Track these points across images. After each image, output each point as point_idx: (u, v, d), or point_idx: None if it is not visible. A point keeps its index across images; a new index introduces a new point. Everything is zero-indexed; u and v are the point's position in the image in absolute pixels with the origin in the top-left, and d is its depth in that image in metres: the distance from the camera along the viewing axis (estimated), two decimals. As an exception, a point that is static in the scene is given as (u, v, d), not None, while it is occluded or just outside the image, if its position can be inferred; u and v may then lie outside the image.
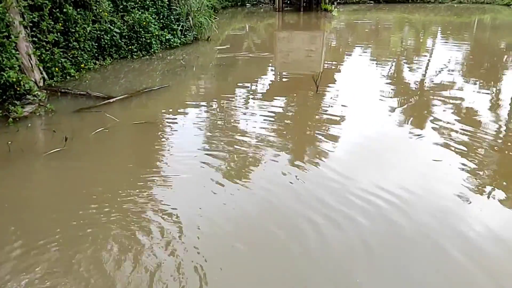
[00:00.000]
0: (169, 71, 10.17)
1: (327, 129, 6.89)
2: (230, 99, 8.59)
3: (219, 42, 14.12)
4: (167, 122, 7.32)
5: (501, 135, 6.71)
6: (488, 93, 8.98)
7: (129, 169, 5.60)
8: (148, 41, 11.36)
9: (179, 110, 7.90)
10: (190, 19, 12.90)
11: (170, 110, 7.94)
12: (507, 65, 11.69)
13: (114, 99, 8.00)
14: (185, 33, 12.82)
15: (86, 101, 8.00)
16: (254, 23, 18.67)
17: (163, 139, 6.59)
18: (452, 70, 10.76)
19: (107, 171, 5.53)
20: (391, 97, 8.64)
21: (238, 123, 7.20)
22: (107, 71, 10.09)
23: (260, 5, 22.67)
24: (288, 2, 22.03)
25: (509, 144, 6.39)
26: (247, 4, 22.60)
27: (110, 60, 10.64)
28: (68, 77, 9.21)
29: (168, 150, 6.19)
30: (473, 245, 3.96)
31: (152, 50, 11.44)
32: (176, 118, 7.49)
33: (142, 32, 11.23)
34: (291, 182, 5.15)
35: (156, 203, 4.66)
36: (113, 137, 6.56)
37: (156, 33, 11.70)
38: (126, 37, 11.06)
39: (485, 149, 6.09)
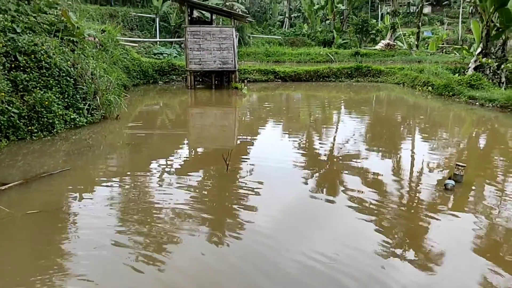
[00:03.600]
0: (74, 152, 9.50)
1: (244, 201, 6.83)
2: (142, 178, 8.14)
3: (131, 119, 13.76)
4: (69, 208, 6.61)
5: (404, 197, 7.28)
6: (389, 160, 9.79)
7: (18, 269, 4.82)
8: (51, 121, 10.65)
9: (84, 194, 7.23)
10: (98, 98, 12.46)
11: (74, 194, 7.25)
12: (403, 135, 12.84)
13: (6, 186, 7.12)
14: (92, 112, 12.29)
15: (-27, 190, 7.04)
16: (167, 100, 18.70)
17: (63, 229, 5.89)
18: (357, 140, 11.50)
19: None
20: (303, 168, 8.87)
21: (151, 202, 6.78)
22: (2, 154, 9.13)
23: (173, 83, 22.95)
24: (200, 80, 22.65)
25: (414, 204, 6.91)
26: (159, 82, 22.76)
27: (6, 142, 9.70)
28: (-47, 162, 8.14)
29: (68, 241, 5.50)
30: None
31: (55, 130, 10.71)
32: (80, 203, 6.82)
33: (44, 112, 10.53)
34: (212, 260, 4.94)
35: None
36: (1, 231, 5.71)
37: (60, 112, 11.06)
38: (26, 117, 10.27)
39: (393, 210, 6.55)
